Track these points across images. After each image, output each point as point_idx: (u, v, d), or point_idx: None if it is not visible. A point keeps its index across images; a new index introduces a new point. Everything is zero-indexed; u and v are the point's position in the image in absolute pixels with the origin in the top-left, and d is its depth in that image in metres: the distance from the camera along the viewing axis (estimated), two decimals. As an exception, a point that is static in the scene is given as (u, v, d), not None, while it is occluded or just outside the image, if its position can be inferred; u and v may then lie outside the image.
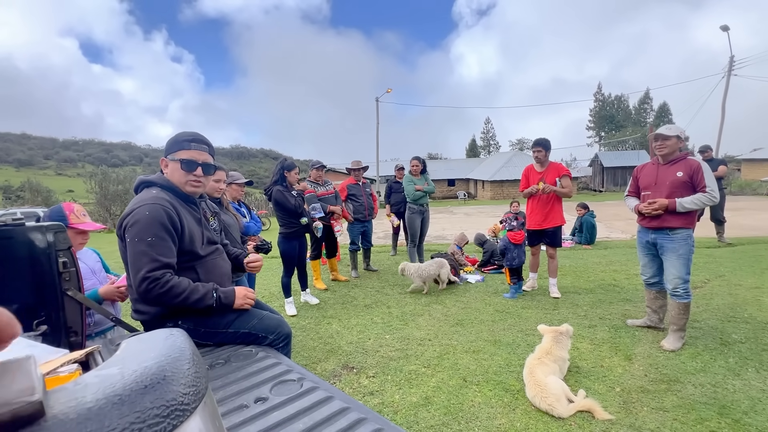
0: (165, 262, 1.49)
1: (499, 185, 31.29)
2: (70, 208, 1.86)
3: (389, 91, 24.44)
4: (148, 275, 1.45)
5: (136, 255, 1.47)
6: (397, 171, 6.81)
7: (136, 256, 1.47)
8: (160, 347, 0.43)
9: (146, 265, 1.46)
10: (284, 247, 4.08)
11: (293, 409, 1.11)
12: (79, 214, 1.85)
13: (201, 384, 0.40)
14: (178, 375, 0.37)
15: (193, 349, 0.46)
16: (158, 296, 1.47)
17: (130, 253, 1.48)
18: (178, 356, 0.40)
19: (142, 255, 1.46)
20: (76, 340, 1.58)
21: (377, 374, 2.84)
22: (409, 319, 3.94)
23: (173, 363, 0.38)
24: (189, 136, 1.62)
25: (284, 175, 3.99)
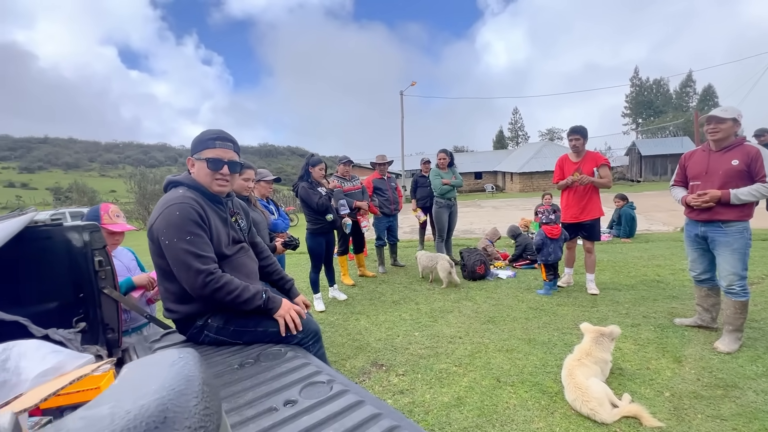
0: (210, 255, 1.49)
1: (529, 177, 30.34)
2: (105, 209, 1.91)
3: (413, 84, 24.13)
4: (203, 269, 1.45)
5: (180, 254, 1.45)
6: (423, 165, 6.68)
7: (180, 255, 1.45)
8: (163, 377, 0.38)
9: (195, 261, 1.45)
10: (311, 243, 4.09)
11: (323, 413, 1.06)
12: (113, 215, 1.90)
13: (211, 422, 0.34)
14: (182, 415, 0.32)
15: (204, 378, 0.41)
16: (214, 290, 1.46)
17: (172, 255, 1.46)
18: (183, 389, 0.35)
19: (186, 253, 1.45)
20: (112, 336, 1.62)
21: (407, 372, 2.79)
22: (438, 315, 3.85)
23: (177, 399, 0.33)
24: (214, 134, 1.60)
25: (309, 171, 3.99)
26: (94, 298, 1.56)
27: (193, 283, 1.46)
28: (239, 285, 1.52)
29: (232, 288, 1.50)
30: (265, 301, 1.55)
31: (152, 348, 1.58)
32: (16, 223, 1.31)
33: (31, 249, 1.47)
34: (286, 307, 1.60)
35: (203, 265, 1.46)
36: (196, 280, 1.46)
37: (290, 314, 1.59)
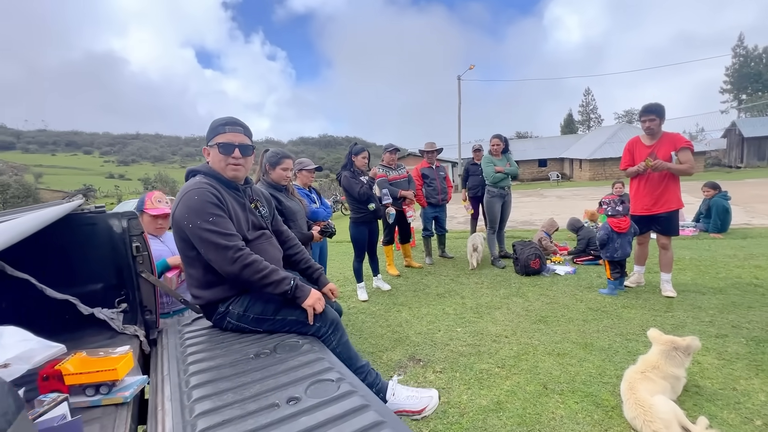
0: (235, 233, 1.50)
1: (601, 164, 27.72)
2: (149, 196, 2.03)
3: (472, 68, 23.10)
4: (231, 245, 1.46)
5: (206, 234, 1.46)
6: (474, 152, 6.35)
7: (207, 236, 1.46)
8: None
9: (221, 239, 1.46)
10: (353, 232, 4.08)
11: (323, 415, 1.00)
12: (155, 201, 2.01)
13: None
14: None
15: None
16: (243, 267, 1.46)
17: (199, 237, 1.47)
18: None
19: (211, 233, 1.46)
20: (150, 318, 1.71)
21: (445, 370, 2.66)
22: (484, 311, 3.64)
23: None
24: (223, 120, 1.61)
25: (352, 160, 3.96)
26: (133, 282, 1.66)
27: (223, 260, 1.46)
28: (268, 266, 1.52)
29: (261, 267, 1.49)
30: (293, 288, 1.53)
31: (182, 331, 1.64)
32: (61, 209, 1.41)
33: (79, 234, 1.59)
34: (315, 297, 1.56)
35: (230, 242, 1.47)
36: (225, 257, 1.46)
37: (318, 305, 1.55)
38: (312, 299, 1.54)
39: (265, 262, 1.52)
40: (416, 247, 6.70)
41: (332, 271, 5.52)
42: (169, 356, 1.42)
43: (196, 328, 1.66)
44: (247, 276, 1.49)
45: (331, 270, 5.55)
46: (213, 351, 1.42)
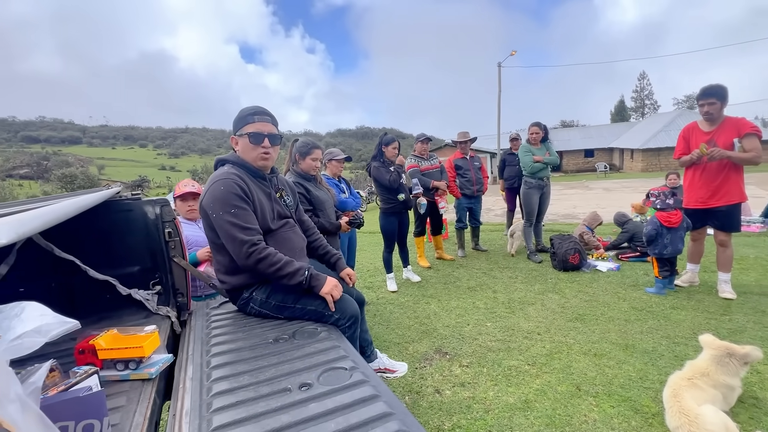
0: (255, 227, 1.54)
1: (655, 154, 25.70)
2: (180, 183, 2.15)
3: (513, 54, 22.10)
4: (246, 239, 1.50)
5: (226, 226, 1.52)
6: (511, 141, 6.10)
7: (227, 227, 1.52)
8: None
9: (240, 232, 1.50)
10: (383, 223, 4.07)
11: (332, 403, 1.00)
12: (182, 186, 2.13)
13: None
14: None
15: None
16: (257, 261, 1.51)
17: (220, 227, 1.54)
18: None
19: (232, 225, 1.51)
20: (182, 300, 1.80)
21: (472, 364, 2.60)
22: (516, 307, 3.51)
23: None
24: (251, 110, 1.63)
25: (382, 150, 3.92)
26: (166, 265, 1.75)
27: (238, 253, 1.51)
28: (282, 258, 1.54)
29: (275, 260, 1.52)
30: (308, 279, 1.54)
31: (209, 314, 1.71)
32: (100, 195, 1.51)
33: (117, 219, 1.70)
34: (331, 284, 1.57)
35: (247, 236, 1.50)
36: (240, 251, 1.51)
37: (335, 292, 1.57)
38: (328, 287, 1.56)
39: (280, 255, 1.54)
40: (449, 239, 6.59)
41: (362, 261, 5.57)
42: (195, 337, 1.48)
43: (222, 311, 1.72)
44: (262, 269, 1.53)
45: (361, 260, 5.59)
46: (235, 334, 1.47)
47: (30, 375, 0.78)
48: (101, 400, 0.89)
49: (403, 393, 2.35)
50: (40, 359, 1.16)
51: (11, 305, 0.73)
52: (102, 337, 1.20)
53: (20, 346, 0.65)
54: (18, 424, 0.65)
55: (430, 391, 2.35)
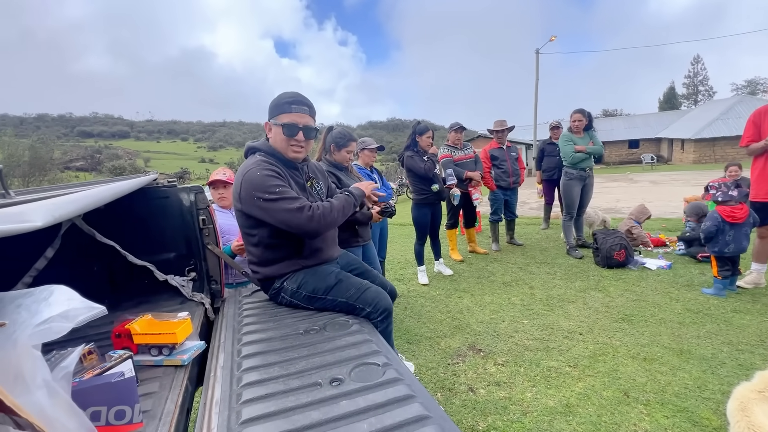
0: (299, 196, 1.50)
1: (709, 145, 23.71)
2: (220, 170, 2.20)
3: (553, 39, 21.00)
4: (302, 205, 1.45)
5: (272, 205, 1.45)
6: (551, 130, 5.78)
7: (273, 206, 1.45)
8: None
9: (290, 203, 1.44)
10: (415, 214, 3.97)
11: (364, 401, 0.94)
12: (214, 174, 2.16)
13: None
14: None
15: None
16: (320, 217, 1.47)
17: (268, 210, 1.46)
18: None
19: (278, 201, 1.44)
20: (216, 288, 1.80)
21: (507, 363, 2.48)
22: (555, 304, 3.33)
23: None
24: (290, 97, 1.55)
25: (416, 140, 3.81)
26: (200, 252, 1.76)
27: (298, 221, 1.44)
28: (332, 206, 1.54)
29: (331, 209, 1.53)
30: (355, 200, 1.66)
31: (241, 302, 1.70)
32: (137, 182, 1.52)
33: (155, 205, 1.72)
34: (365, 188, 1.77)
35: (301, 204, 1.46)
36: (300, 216, 1.44)
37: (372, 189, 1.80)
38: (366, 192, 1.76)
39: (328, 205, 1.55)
40: (482, 232, 6.40)
41: (393, 252, 5.51)
42: (227, 325, 1.48)
43: (254, 300, 1.71)
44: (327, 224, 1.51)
45: (392, 252, 5.54)
46: (266, 323, 1.44)
47: (62, 359, 0.77)
48: (132, 387, 0.88)
49: (434, 389, 2.28)
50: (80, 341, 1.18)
51: (41, 288, 0.71)
52: (137, 321, 1.20)
53: (48, 330, 0.63)
54: (45, 411, 0.63)
55: (464, 389, 2.26)
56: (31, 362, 0.61)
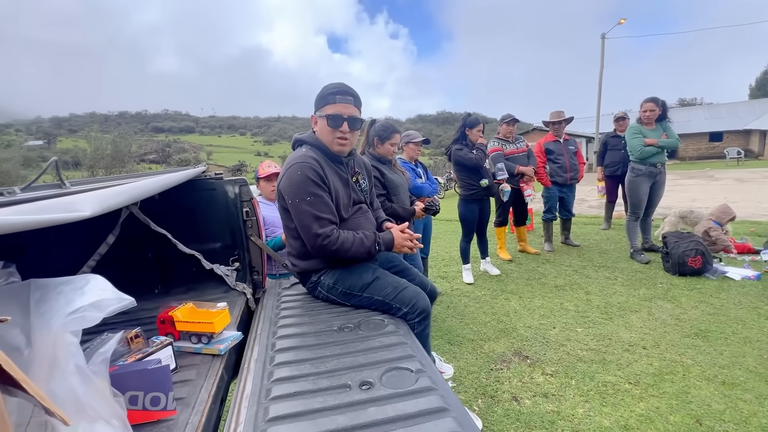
0: (329, 217, 1.50)
1: (812, 137, 20.46)
2: (261, 165, 2.22)
3: (622, 22, 19.23)
4: (320, 232, 1.47)
5: (301, 215, 1.49)
6: (616, 122, 5.28)
7: (301, 216, 1.49)
8: None
9: (314, 223, 1.48)
10: (462, 211, 3.82)
11: (393, 410, 0.88)
12: (265, 167, 2.20)
13: None
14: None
15: None
16: (332, 252, 1.49)
17: (295, 214, 1.51)
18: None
19: (306, 214, 1.48)
20: (258, 278, 1.84)
21: (557, 373, 2.30)
22: (615, 313, 3.03)
23: None
24: (334, 88, 1.53)
25: (465, 133, 3.65)
26: (244, 243, 1.81)
27: (312, 244, 1.49)
28: (353, 242, 1.50)
29: (348, 246, 1.49)
30: (379, 248, 1.56)
31: (280, 294, 1.72)
32: (185, 174, 1.59)
33: (202, 197, 1.79)
34: (399, 240, 1.60)
35: (320, 228, 1.46)
36: (314, 242, 1.48)
37: (406, 244, 1.61)
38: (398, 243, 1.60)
39: (349, 240, 1.50)
40: (534, 231, 6.05)
41: (438, 249, 5.39)
42: (265, 317, 1.49)
43: (292, 292, 1.73)
44: (338, 256, 1.52)
45: (437, 248, 5.42)
46: (302, 317, 1.44)
47: (102, 344, 0.80)
48: (167, 374, 0.90)
49: (475, 395, 2.17)
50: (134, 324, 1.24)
51: (80, 276, 0.74)
52: (180, 309, 1.24)
53: (82, 319, 0.64)
54: (78, 396, 0.65)
55: (507, 397, 2.13)
56: (65, 348, 0.63)
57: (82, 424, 0.65)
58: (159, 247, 1.77)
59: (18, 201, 0.83)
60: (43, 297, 0.70)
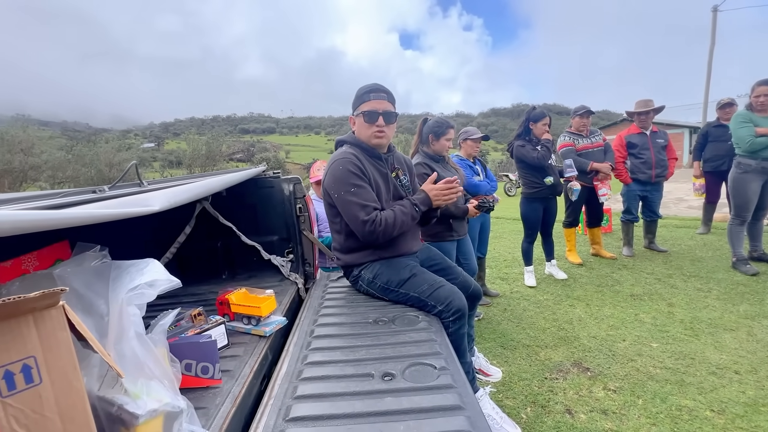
0: (372, 204, 1.57)
1: None
2: (315, 165, 2.34)
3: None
4: (366, 218, 1.55)
5: (347, 206, 1.58)
6: (721, 109, 4.54)
7: (347, 207, 1.58)
8: None
9: (360, 211, 1.55)
10: (524, 209, 3.62)
11: (408, 403, 0.91)
12: (315, 170, 2.30)
13: None
14: None
15: None
16: (381, 233, 1.55)
17: (342, 206, 1.60)
18: None
19: (351, 204, 1.56)
20: (309, 270, 1.99)
21: (622, 390, 2.10)
22: (703, 329, 2.65)
23: None
24: (367, 87, 1.62)
25: (529, 128, 3.45)
26: (297, 237, 1.95)
27: (362, 231, 1.56)
28: (394, 215, 1.57)
29: (392, 221, 1.56)
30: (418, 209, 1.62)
31: (327, 285, 1.83)
32: (249, 173, 1.77)
33: (262, 194, 1.97)
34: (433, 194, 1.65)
35: (366, 215, 1.53)
36: (364, 229, 1.55)
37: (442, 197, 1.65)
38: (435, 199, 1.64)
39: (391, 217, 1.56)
40: (612, 233, 5.49)
41: (499, 249, 5.18)
42: (310, 306, 1.61)
43: (338, 285, 1.83)
44: (385, 238, 1.57)
45: (498, 248, 5.21)
46: (342, 308, 1.52)
47: (162, 318, 0.95)
48: (213, 349, 1.03)
49: (525, 402, 2.08)
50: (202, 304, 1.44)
51: (144, 261, 0.90)
52: (234, 293, 1.41)
53: (141, 295, 0.79)
54: (138, 356, 0.79)
55: (560, 408, 2.00)
56: (128, 318, 0.78)
57: (141, 379, 0.80)
58: (226, 239, 2.00)
59: (106, 197, 1.03)
60: (118, 275, 0.86)
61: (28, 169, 18.47)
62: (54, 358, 0.59)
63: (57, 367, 0.59)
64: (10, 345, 0.55)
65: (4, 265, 1.18)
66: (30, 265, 1.24)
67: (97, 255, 1.08)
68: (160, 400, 0.77)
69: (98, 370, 0.84)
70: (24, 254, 1.23)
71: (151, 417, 0.75)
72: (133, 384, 0.77)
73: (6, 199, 1.06)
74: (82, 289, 0.87)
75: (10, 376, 0.55)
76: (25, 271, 1.21)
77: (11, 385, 0.55)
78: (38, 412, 0.57)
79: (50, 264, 1.28)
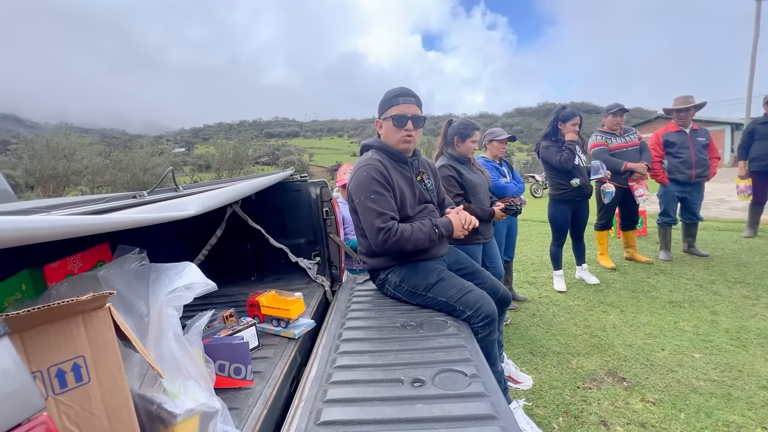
0: (390, 213, 1.57)
1: None
2: (342, 169, 2.35)
3: (787, -21, 15.26)
4: (381, 226, 1.55)
5: (365, 212, 1.59)
6: (766, 105, 4.25)
7: (365, 213, 1.59)
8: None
9: (376, 219, 1.56)
10: (551, 212, 3.52)
11: (440, 410, 0.89)
12: (341, 173, 2.32)
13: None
14: None
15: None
16: (393, 244, 1.56)
17: (361, 212, 1.62)
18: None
19: (370, 211, 1.57)
20: (335, 272, 2.00)
21: (662, 402, 1.99)
22: (752, 340, 2.48)
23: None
24: (396, 91, 1.61)
25: (558, 128, 3.35)
26: (324, 240, 1.97)
27: (375, 239, 1.56)
28: (411, 231, 1.55)
29: (407, 236, 1.54)
30: (440, 235, 1.58)
31: (354, 288, 1.84)
32: (276, 177, 1.80)
33: (290, 197, 2.00)
34: (457, 223, 1.62)
35: (382, 223, 1.53)
36: (376, 237, 1.55)
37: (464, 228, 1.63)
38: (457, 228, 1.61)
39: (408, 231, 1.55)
40: (648, 236, 5.25)
41: (528, 252, 5.04)
42: (338, 308, 1.62)
43: (365, 288, 1.83)
44: (400, 249, 1.56)
45: (527, 251, 5.08)
46: (369, 312, 1.52)
47: (198, 319, 0.98)
48: (246, 350, 1.05)
49: (557, 412, 2.01)
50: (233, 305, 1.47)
51: (181, 264, 0.92)
52: (264, 295, 1.43)
53: (179, 297, 0.81)
54: (175, 356, 0.82)
55: (594, 419, 1.92)
56: (166, 319, 0.80)
57: (179, 380, 0.82)
58: (256, 241, 2.04)
59: (145, 202, 1.07)
60: (157, 278, 0.89)
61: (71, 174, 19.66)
62: (101, 358, 0.62)
63: (104, 367, 0.62)
64: (62, 345, 0.58)
65: (52, 266, 1.25)
66: (75, 266, 1.31)
67: (136, 257, 1.13)
68: (196, 400, 0.79)
69: (138, 369, 0.87)
70: (69, 256, 1.30)
71: (188, 416, 0.77)
72: (172, 384, 0.79)
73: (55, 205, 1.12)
74: (124, 290, 0.91)
75: (62, 374, 0.58)
76: (71, 272, 1.28)
77: (63, 383, 0.58)
78: (87, 409, 0.59)
79: (93, 265, 1.35)
